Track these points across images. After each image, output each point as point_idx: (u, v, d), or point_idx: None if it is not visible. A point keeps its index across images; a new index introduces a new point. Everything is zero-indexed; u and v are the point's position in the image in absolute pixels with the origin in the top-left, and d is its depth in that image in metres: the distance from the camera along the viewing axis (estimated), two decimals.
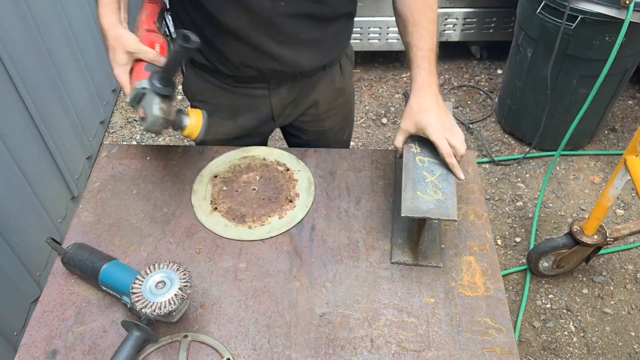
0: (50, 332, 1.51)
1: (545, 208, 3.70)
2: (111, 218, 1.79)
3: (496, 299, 1.58)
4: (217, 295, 1.58)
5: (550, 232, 3.55)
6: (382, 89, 4.65)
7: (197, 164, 1.93)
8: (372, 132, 4.29)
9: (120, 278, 1.49)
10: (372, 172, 1.93)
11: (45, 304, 1.57)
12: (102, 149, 2.01)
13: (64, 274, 1.63)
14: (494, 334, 1.50)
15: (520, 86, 3.85)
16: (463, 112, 4.42)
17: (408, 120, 1.64)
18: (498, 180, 3.89)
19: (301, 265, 1.66)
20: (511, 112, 4.09)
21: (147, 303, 1.38)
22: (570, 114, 3.60)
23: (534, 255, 3.18)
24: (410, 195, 1.54)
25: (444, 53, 4.90)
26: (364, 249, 1.70)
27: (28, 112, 2.91)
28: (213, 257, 1.68)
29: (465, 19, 4.44)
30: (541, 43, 3.50)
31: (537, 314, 3.16)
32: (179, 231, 1.75)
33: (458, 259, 1.67)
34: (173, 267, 1.44)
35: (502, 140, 4.20)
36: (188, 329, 1.51)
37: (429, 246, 1.68)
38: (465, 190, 1.86)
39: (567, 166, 3.99)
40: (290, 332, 1.50)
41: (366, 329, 1.51)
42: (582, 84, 3.52)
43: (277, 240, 1.72)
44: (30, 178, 2.88)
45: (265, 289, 1.60)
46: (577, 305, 3.19)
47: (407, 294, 1.59)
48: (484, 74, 4.77)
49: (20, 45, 2.86)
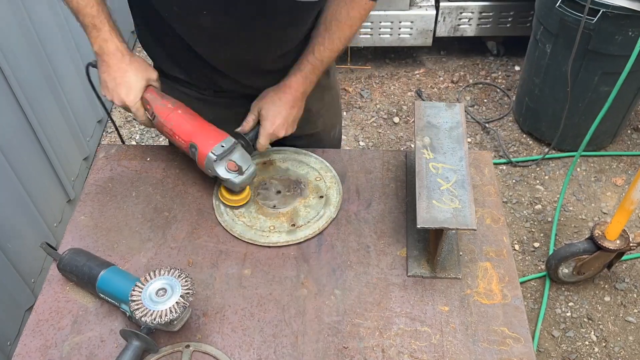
0: (45, 342, 1.51)
1: (565, 211, 3.69)
2: (109, 222, 1.79)
3: (514, 307, 1.57)
4: (220, 303, 1.58)
5: (570, 237, 3.54)
6: (393, 87, 4.65)
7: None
8: (384, 131, 4.28)
9: (119, 285, 1.49)
10: (383, 174, 1.93)
11: (40, 312, 1.57)
12: (100, 150, 2.02)
13: (59, 281, 1.63)
14: (512, 344, 1.50)
15: (539, 83, 3.84)
16: (479, 111, 4.41)
17: (255, 104, 1.86)
18: (516, 183, 3.89)
19: (309, 272, 1.66)
20: (529, 111, 4.08)
21: (147, 311, 1.38)
22: (591, 113, 3.58)
23: (553, 261, 3.17)
24: (425, 205, 1.54)
25: (458, 48, 4.90)
26: (375, 254, 1.70)
27: (22, 110, 2.91)
28: (216, 263, 1.68)
29: (481, 13, 4.44)
30: (561, 38, 3.49)
31: (557, 322, 3.15)
32: (180, 235, 1.75)
33: (474, 265, 1.67)
34: (174, 274, 1.45)
35: (519, 141, 4.19)
36: (190, 339, 1.51)
37: (446, 257, 1.68)
38: (481, 193, 1.85)
39: (588, 167, 3.98)
40: (297, 342, 1.50)
41: (377, 339, 1.51)
42: (603, 81, 3.51)
43: (283, 246, 1.72)
44: (24, 180, 2.88)
45: (271, 296, 1.60)
46: (599, 314, 3.18)
47: (420, 302, 1.59)
48: (500, 71, 4.76)
49: (13, 39, 2.87)
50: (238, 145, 1.75)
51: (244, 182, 1.74)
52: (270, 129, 1.80)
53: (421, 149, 1.69)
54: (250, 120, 1.85)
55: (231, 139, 1.73)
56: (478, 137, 4.18)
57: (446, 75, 4.72)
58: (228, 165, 1.70)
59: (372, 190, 1.88)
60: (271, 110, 1.81)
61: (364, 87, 4.61)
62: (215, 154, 1.68)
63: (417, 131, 1.74)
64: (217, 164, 1.69)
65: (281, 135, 1.83)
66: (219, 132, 1.74)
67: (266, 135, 1.81)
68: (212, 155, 1.68)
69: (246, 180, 1.73)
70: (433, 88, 4.60)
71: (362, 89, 4.59)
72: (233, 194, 1.78)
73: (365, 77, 4.71)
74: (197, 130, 1.73)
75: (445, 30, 4.50)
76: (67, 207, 3.38)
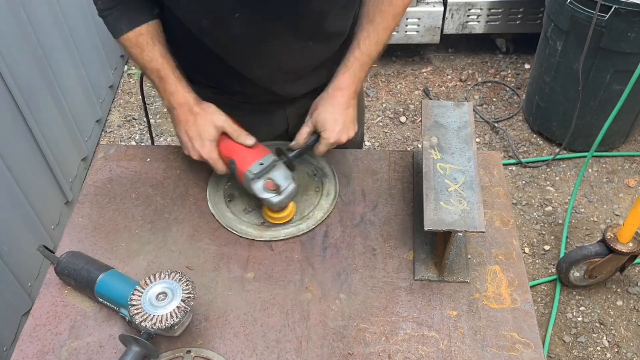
0: (42, 348, 1.51)
1: (577, 213, 3.69)
2: (108, 224, 1.79)
3: (523, 312, 1.57)
4: (222, 308, 1.58)
5: (581, 240, 3.54)
6: (400, 85, 4.65)
7: (201, 166, 1.92)
8: (390, 131, 4.28)
9: (118, 289, 1.49)
10: (389, 175, 1.92)
11: (37, 317, 1.57)
12: (99, 150, 2.02)
13: (57, 285, 1.63)
14: (522, 350, 1.49)
15: (550, 82, 3.84)
16: (488, 110, 4.41)
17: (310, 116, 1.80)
18: (525, 184, 3.88)
19: (313, 275, 1.66)
20: (539, 110, 4.08)
21: (147, 316, 1.38)
22: (603, 112, 3.58)
23: (564, 264, 3.16)
24: (432, 207, 1.53)
25: (466, 46, 4.90)
26: (381, 257, 1.70)
27: (19, 109, 2.92)
28: (218, 266, 1.68)
29: (490, 10, 4.43)
30: (572, 35, 3.49)
31: (568, 327, 3.15)
32: (181, 238, 1.75)
33: (482, 269, 1.67)
34: (175, 278, 1.45)
35: (529, 140, 4.18)
36: (191, 344, 1.51)
37: (454, 260, 1.68)
38: (490, 195, 1.85)
39: (599, 168, 3.97)
40: (301, 347, 1.50)
41: (383, 344, 1.51)
42: (616, 80, 3.51)
43: (287, 248, 1.72)
44: (21, 181, 2.89)
45: (274, 300, 1.60)
46: (611, 319, 3.18)
47: (428, 306, 1.59)
48: (510, 69, 4.76)
49: (9, 36, 2.87)
50: (278, 163, 1.71)
51: (282, 203, 1.69)
52: (332, 139, 1.75)
53: (428, 149, 1.68)
54: (304, 134, 1.78)
55: (271, 156, 1.69)
56: (487, 137, 4.18)
57: (454, 73, 4.72)
58: (266, 184, 1.67)
59: (378, 191, 1.88)
60: (328, 119, 1.75)
61: (369, 86, 4.60)
62: (253, 173, 1.65)
63: (425, 131, 1.74)
64: (254, 182, 1.66)
65: (344, 140, 1.77)
66: (260, 149, 1.72)
67: (328, 145, 1.76)
68: (249, 174, 1.65)
69: (285, 200, 1.69)
70: (441, 87, 4.60)
71: (367, 87, 4.58)
72: (275, 212, 1.75)
73: (371, 75, 4.70)
74: (237, 145, 1.71)
75: (453, 27, 4.50)
76: (64, 209, 3.38)
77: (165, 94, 1.69)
